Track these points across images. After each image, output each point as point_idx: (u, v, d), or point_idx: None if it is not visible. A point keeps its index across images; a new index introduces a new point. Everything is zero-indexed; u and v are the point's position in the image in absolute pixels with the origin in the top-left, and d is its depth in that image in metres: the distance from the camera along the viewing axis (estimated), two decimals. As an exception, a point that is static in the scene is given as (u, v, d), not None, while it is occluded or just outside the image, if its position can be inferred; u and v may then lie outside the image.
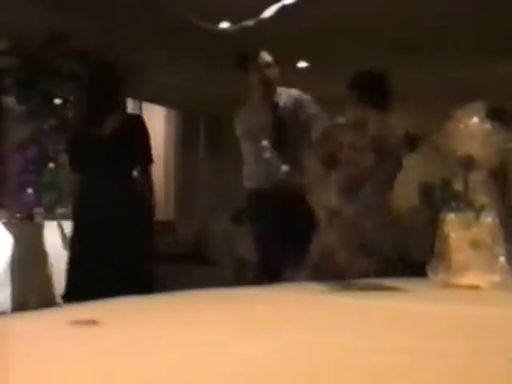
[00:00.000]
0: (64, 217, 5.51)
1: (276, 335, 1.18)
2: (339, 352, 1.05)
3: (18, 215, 5.74)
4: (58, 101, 6.22)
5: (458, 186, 2.02)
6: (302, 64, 8.07)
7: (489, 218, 1.99)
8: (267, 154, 4.05)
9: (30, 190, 6.21)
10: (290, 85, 4.29)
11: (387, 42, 3.73)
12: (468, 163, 2.00)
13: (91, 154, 3.83)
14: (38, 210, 5.90)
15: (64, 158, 5.70)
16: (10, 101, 6.31)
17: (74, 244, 3.88)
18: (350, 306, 1.63)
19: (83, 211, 3.90)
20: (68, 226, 4.44)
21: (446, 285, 1.99)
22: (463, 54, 6.99)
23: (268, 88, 4.21)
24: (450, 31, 6.43)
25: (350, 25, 6.19)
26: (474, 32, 6.27)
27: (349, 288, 1.90)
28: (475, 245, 1.97)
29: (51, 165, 6.25)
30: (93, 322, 1.21)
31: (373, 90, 3.55)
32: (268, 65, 4.21)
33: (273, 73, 4.22)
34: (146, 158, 3.87)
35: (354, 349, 1.07)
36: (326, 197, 3.33)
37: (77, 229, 3.91)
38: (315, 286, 1.92)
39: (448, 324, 1.38)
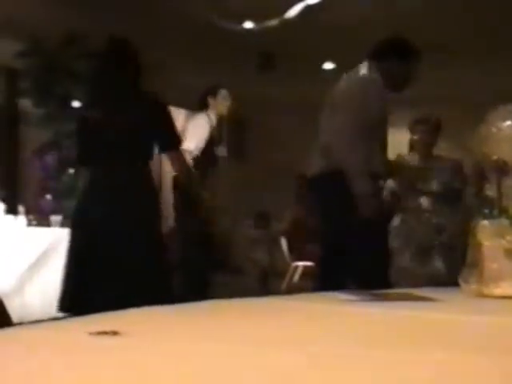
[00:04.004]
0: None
1: (304, 347, 1.15)
2: (369, 364, 1.01)
3: (35, 222, 5.72)
4: (76, 104, 6.18)
5: (491, 191, 1.97)
6: (329, 66, 8.04)
7: (524, 226, 1.94)
8: None
9: (48, 196, 6.19)
10: (316, 86, 4.27)
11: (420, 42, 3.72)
12: (502, 168, 1.95)
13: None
14: (57, 217, 5.87)
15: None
16: (27, 104, 6.30)
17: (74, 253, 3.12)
18: (380, 317, 1.59)
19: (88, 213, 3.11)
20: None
21: (479, 295, 1.94)
22: (495, 54, 6.93)
23: None
24: (481, 32, 6.41)
25: (376, 26, 6.16)
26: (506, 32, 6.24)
27: (379, 298, 1.85)
28: (510, 253, 1.91)
29: (71, 170, 6.22)
30: (114, 333, 1.20)
31: None
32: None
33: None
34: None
35: (383, 361, 1.03)
36: None
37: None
38: (344, 296, 1.87)
39: (480, 335, 1.34)
